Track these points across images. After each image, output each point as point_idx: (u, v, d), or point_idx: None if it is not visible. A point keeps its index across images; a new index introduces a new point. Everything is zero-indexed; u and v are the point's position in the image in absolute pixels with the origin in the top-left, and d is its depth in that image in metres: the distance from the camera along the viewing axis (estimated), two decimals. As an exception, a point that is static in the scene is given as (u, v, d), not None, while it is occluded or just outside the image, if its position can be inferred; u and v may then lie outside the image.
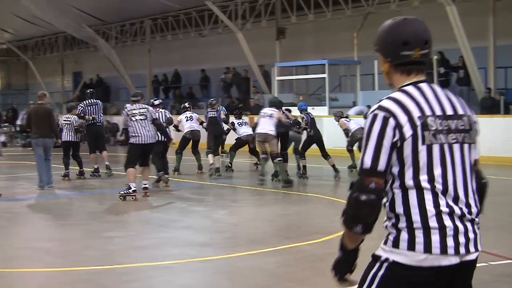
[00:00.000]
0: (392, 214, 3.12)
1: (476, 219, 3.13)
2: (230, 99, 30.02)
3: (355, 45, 25.12)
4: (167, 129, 15.28)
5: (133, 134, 13.41)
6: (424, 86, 3.18)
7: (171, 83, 34.64)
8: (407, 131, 3.04)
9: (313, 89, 26.46)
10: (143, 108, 13.69)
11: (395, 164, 3.08)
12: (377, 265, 3.18)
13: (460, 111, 3.18)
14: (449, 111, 3.14)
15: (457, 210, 3.05)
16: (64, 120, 16.77)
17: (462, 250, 3.03)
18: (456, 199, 3.07)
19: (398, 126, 3.04)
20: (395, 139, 3.05)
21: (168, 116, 16.01)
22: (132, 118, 13.47)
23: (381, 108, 3.11)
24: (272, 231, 10.09)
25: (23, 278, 7.73)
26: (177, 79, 34.29)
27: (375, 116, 3.09)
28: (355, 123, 17.55)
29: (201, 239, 9.51)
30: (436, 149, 3.06)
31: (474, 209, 3.13)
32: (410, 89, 3.16)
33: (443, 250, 3.01)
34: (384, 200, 3.13)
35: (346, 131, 17.61)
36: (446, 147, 3.09)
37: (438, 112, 3.11)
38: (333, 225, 10.20)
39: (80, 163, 16.87)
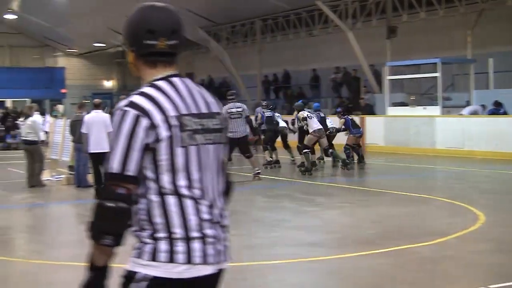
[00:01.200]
0: (149, 224, 2.79)
1: (228, 225, 3.00)
2: (340, 99, 29.90)
3: (468, 43, 24.55)
4: None
5: (231, 130, 15.32)
6: (177, 81, 2.91)
7: (281, 83, 34.80)
8: (163, 132, 2.76)
9: (425, 88, 26.04)
10: (240, 107, 16.17)
11: (149, 168, 2.78)
12: (134, 285, 2.78)
13: (214, 109, 2.98)
14: (204, 109, 2.92)
15: (215, 217, 2.89)
16: None
17: (220, 258, 2.90)
18: (213, 205, 2.89)
19: (152, 126, 2.74)
20: (148, 140, 2.75)
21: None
22: (231, 116, 15.79)
23: (132, 105, 2.78)
24: (383, 232, 9.99)
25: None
26: (287, 79, 34.42)
27: (124, 114, 2.76)
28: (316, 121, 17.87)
29: (311, 239, 9.52)
30: (193, 151, 2.82)
31: (225, 214, 3.00)
32: (163, 84, 2.87)
33: (204, 259, 2.81)
34: (138, 207, 2.81)
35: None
36: (202, 148, 2.86)
37: (194, 110, 2.87)
38: (448, 227, 10.05)
39: None
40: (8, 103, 42.73)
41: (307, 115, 17.59)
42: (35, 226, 11.54)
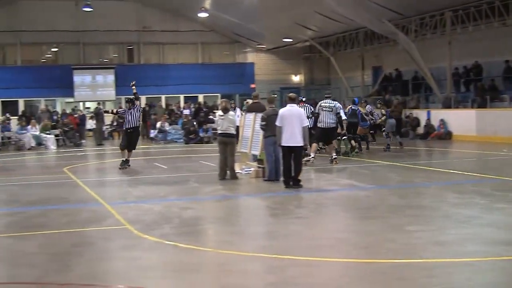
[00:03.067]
0: None
1: None
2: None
3: None
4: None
5: (320, 121, 19.79)
6: None
7: (472, 75, 33.69)
8: None
9: None
10: (332, 104, 19.95)
11: None
12: None
13: None
14: None
15: None
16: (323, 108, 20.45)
17: None
18: None
19: None
20: None
21: (311, 110, 21.29)
22: (323, 109, 19.83)
23: None
24: None
25: (325, 267, 7.97)
26: (478, 72, 33.28)
27: None
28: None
29: (505, 237, 9.17)
30: None
31: None
32: None
33: None
34: None
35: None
36: None
37: None
38: None
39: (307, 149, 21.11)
40: (200, 98, 44.37)
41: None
42: (226, 218, 11.87)
